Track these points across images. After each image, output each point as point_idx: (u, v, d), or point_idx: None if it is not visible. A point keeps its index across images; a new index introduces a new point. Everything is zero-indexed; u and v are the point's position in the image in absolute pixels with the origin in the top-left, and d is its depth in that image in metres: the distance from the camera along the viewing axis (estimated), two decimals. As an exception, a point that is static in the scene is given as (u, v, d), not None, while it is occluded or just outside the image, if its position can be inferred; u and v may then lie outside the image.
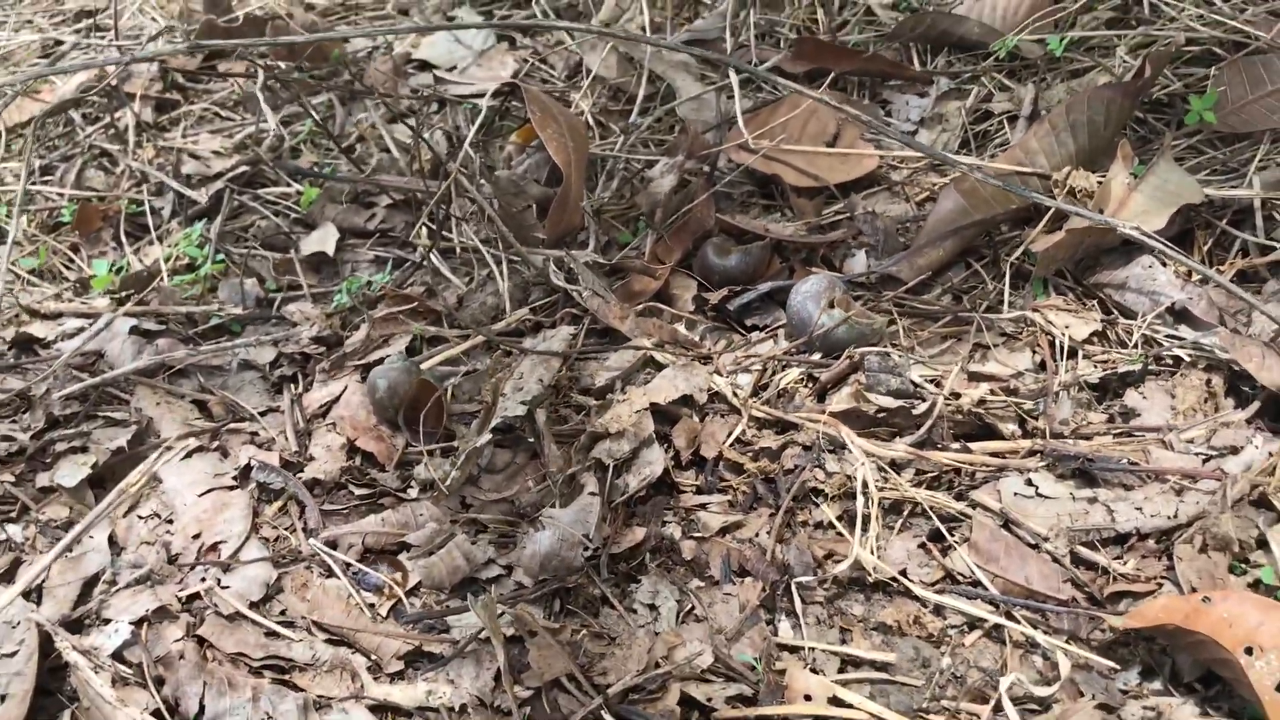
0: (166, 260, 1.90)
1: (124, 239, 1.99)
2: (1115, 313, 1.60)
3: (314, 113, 2.08)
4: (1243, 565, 1.30)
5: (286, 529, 1.46)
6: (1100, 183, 1.67)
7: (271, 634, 1.31)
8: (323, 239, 1.93)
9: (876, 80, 2.12)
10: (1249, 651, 1.17)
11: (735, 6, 2.21)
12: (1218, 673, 1.21)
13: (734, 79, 1.96)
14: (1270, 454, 1.38)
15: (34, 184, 2.12)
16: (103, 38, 2.55)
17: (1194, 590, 1.26)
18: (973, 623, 1.30)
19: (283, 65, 2.28)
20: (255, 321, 1.80)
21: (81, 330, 1.77)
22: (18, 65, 2.55)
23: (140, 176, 2.11)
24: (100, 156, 2.24)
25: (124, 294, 1.84)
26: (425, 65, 2.39)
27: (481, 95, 2.18)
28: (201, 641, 1.29)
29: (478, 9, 2.52)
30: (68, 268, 1.97)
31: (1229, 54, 1.89)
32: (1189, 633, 1.20)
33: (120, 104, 2.24)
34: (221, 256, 1.90)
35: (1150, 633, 1.24)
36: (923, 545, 1.38)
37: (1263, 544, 1.30)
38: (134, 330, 1.73)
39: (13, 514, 1.49)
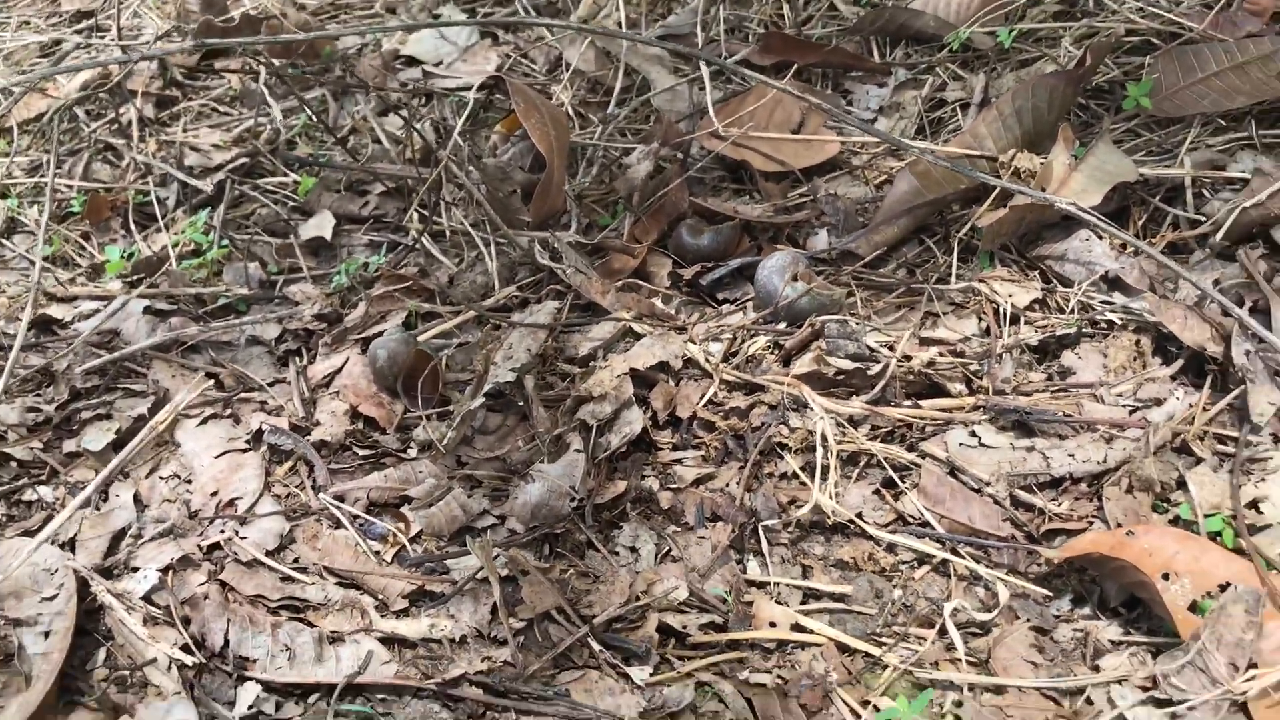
0: (174, 246, 2.03)
1: (133, 227, 2.11)
2: (1054, 282, 1.74)
3: (309, 107, 2.21)
4: (1164, 504, 1.44)
5: (296, 486, 1.59)
6: (1043, 164, 1.81)
7: (287, 578, 1.44)
8: (320, 225, 2.05)
9: (839, 72, 2.26)
10: (1166, 577, 1.32)
11: (706, 3, 2.35)
12: (1139, 596, 1.35)
13: (705, 71, 2.10)
14: (1190, 405, 1.53)
15: (43, 177, 2.24)
16: (103, 37, 2.67)
17: (1120, 526, 1.41)
18: (922, 558, 1.44)
19: (277, 62, 2.41)
20: (260, 301, 1.92)
21: (97, 312, 1.89)
22: (19, 65, 2.66)
23: (145, 169, 2.24)
24: (105, 150, 2.36)
25: (135, 277, 1.97)
26: (413, 61, 2.52)
27: (467, 88, 2.32)
28: (223, 585, 1.42)
29: (461, 7, 2.65)
30: (80, 254, 2.09)
31: (1164, 44, 2.03)
32: (1114, 561, 1.34)
33: (124, 100, 2.36)
34: (226, 242, 2.02)
35: (1080, 563, 1.39)
36: (877, 491, 1.52)
37: (1182, 485, 1.45)
38: (147, 310, 1.86)
39: (42, 477, 1.62)
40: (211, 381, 1.72)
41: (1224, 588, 1.29)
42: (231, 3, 2.70)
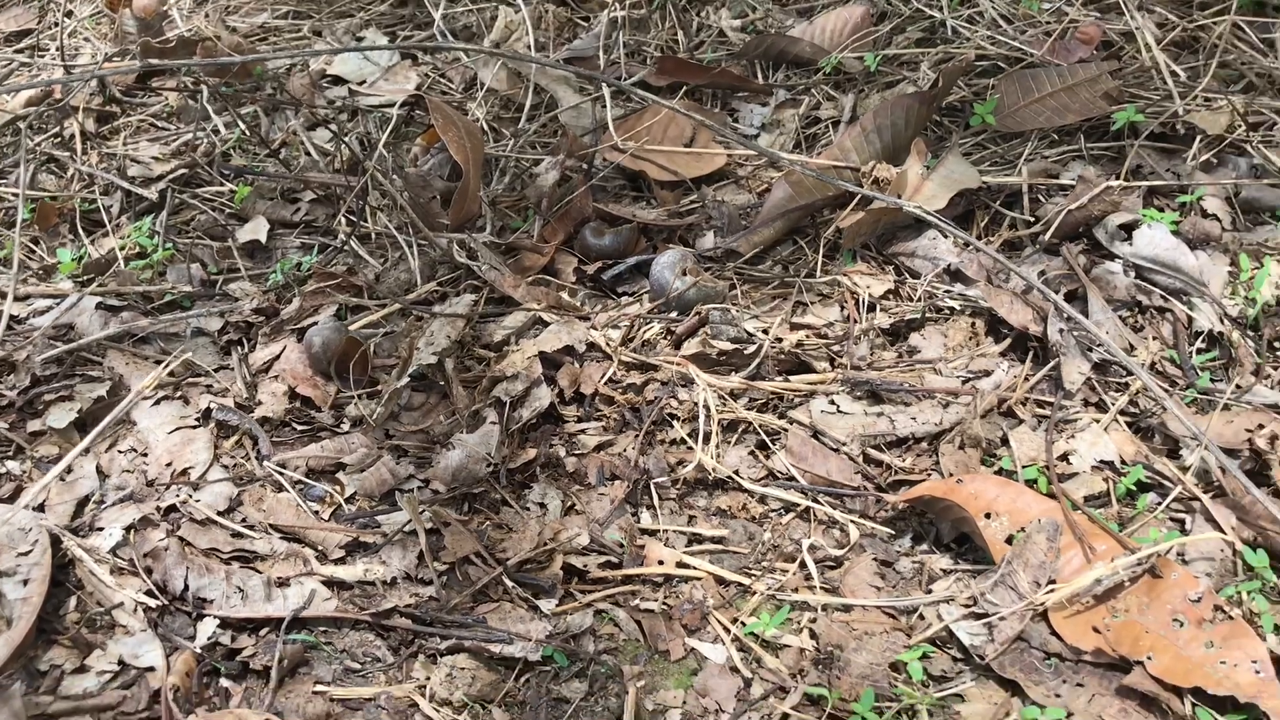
0: (121, 249, 2.21)
1: (81, 232, 2.29)
2: (905, 275, 2.01)
3: (243, 121, 2.41)
4: (990, 458, 1.71)
5: (242, 457, 1.79)
6: (899, 173, 2.07)
7: (237, 534, 1.64)
8: (256, 229, 2.25)
9: (727, 92, 2.52)
10: (988, 516, 1.58)
11: (608, 29, 2.59)
12: (967, 533, 1.61)
13: (606, 91, 2.35)
14: (1014, 376, 1.80)
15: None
16: (42, 56, 2.83)
17: (952, 476, 1.67)
18: (788, 507, 1.68)
19: (213, 81, 2.60)
20: (202, 298, 2.12)
21: (51, 309, 2.07)
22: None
23: (89, 179, 2.41)
24: (49, 163, 2.53)
25: (86, 278, 2.15)
26: (339, 80, 2.73)
27: (390, 105, 2.53)
28: (181, 540, 1.62)
29: (383, 30, 2.87)
30: (30, 258, 2.26)
31: (1009, 68, 2.32)
32: (945, 502, 1.60)
33: (67, 115, 2.53)
34: (170, 245, 2.21)
35: (919, 506, 1.65)
36: (752, 452, 1.76)
37: (1005, 442, 1.72)
38: (99, 306, 2.04)
39: (9, 453, 1.80)
40: (167, 370, 1.90)
41: (1031, 521, 1.56)
42: (165, 24, 2.88)
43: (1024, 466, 1.67)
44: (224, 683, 1.46)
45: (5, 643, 1.44)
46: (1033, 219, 2.07)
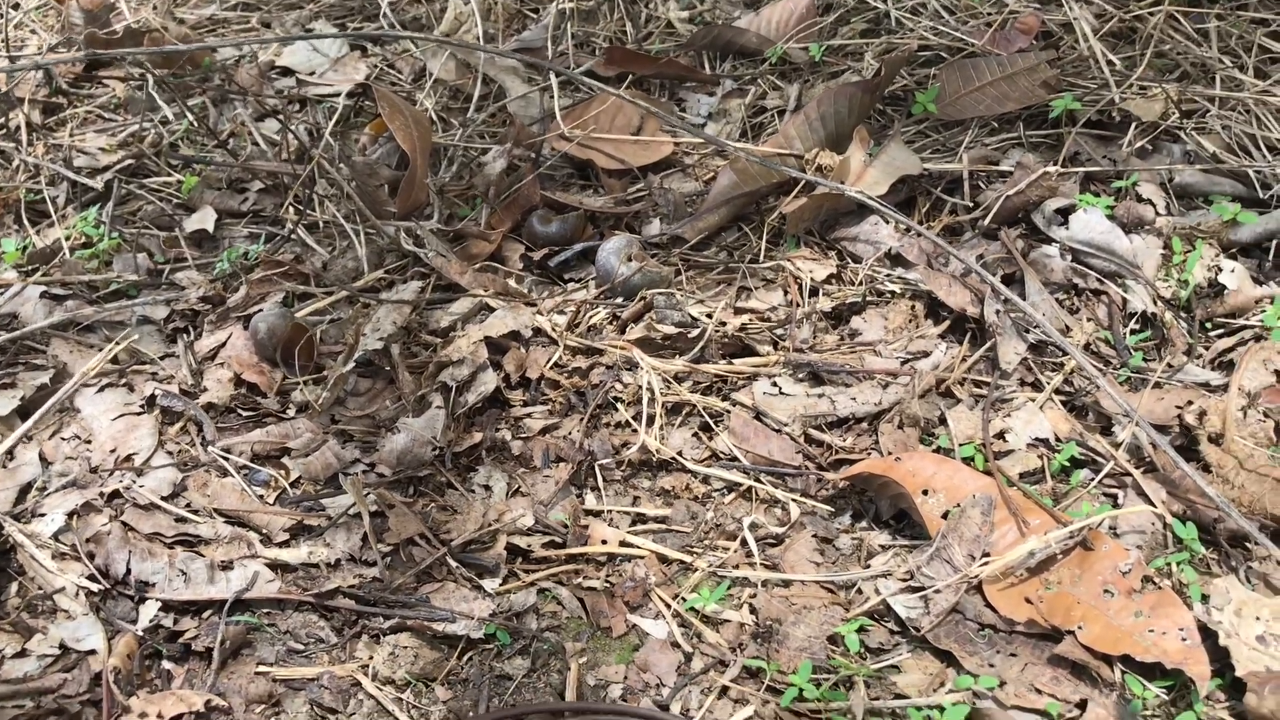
0: (67, 239, 2.20)
1: (25, 222, 2.28)
2: (848, 259, 2.04)
3: (191, 112, 2.40)
4: (929, 437, 1.74)
5: (187, 444, 1.79)
6: (842, 160, 2.10)
7: (180, 519, 1.64)
8: (203, 219, 2.25)
9: (674, 82, 2.54)
10: (925, 492, 1.61)
11: (556, 20, 2.61)
12: (906, 510, 1.64)
13: (554, 81, 2.36)
14: (952, 357, 1.83)
15: (-65, 177, 2.39)
16: (-13, 48, 2.81)
17: (890, 454, 1.70)
18: (730, 486, 1.71)
19: (159, 71, 2.59)
20: (149, 288, 2.11)
21: (-6, 298, 2.06)
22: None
23: (34, 170, 2.40)
24: (-7, 154, 2.51)
25: (31, 267, 2.14)
26: (287, 71, 2.73)
27: (338, 95, 2.54)
28: (124, 525, 1.62)
29: (333, 21, 2.87)
30: (-26, 248, 2.25)
31: (950, 57, 2.36)
32: (883, 479, 1.63)
33: (12, 106, 2.52)
34: (116, 235, 2.20)
35: (859, 484, 1.67)
36: (695, 434, 1.78)
37: (943, 421, 1.75)
38: (44, 295, 2.03)
39: (-49, 441, 1.79)
40: (111, 356, 1.90)
41: (966, 497, 1.59)
42: (112, 16, 2.87)
43: (961, 445, 1.70)
44: (166, 665, 1.46)
45: (-55, 627, 1.44)
46: (972, 205, 2.10)
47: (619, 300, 2.00)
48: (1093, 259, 1.95)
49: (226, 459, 1.74)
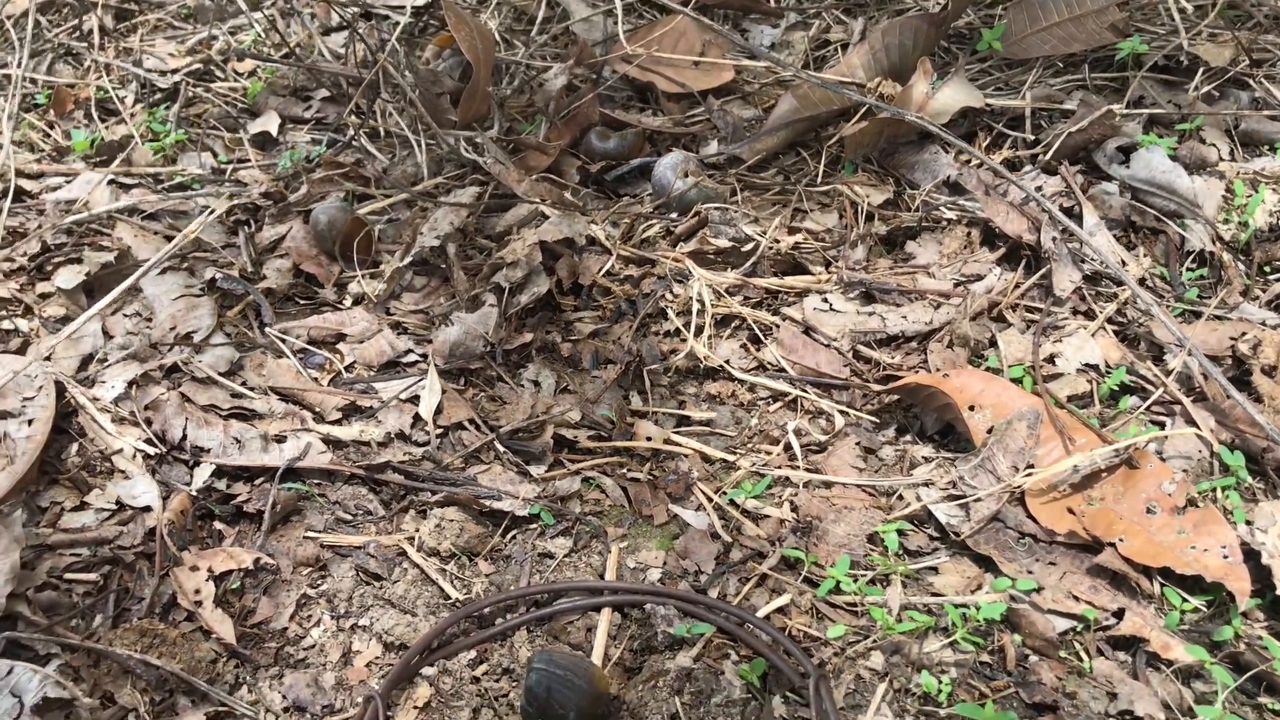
0: (134, 134, 2.24)
1: (96, 118, 2.32)
2: (905, 186, 2.04)
3: (259, 22, 2.44)
4: (978, 359, 1.74)
5: (245, 327, 1.82)
6: (904, 90, 2.10)
7: (236, 394, 1.68)
8: (267, 122, 2.28)
9: (738, 13, 2.54)
10: (971, 408, 1.62)
11: (624, -53, 2.61)
12: (951, 425, 1.64)
13: (618, 4, 2.37)
14: (1005, 282, 1.83)
15: (6, 70, 2.43)
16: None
17: (939, 371, 1.70)
18: (776, 395, 1.72)
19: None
20: (212, 183, 2.15)
21: (63, 186, 2.10)
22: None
23: (105, 69, 2.44)
24: (66, 55, 2.55)
25: (99, 158, 2.18)
26: (355, -12, 2.75)
27: (403, 8, 2.55)
28: (181, 395, 1.65)
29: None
30: (45, 140, 2.29)
31: (1018, -2, 2.34)
32: (932, 390, 1.63)
33: (86, 9, 2.56)
34: (182, 132, 2.24)
35: (906, 396, 1.68)
36: (743, 345, 1.79)
37: (993, 343, 1.75)
38: (111, 183, 2.07)
39: (19, 312, 1.83)
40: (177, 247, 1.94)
41: (1012, 410, 1.59)
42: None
43: (1010, 366, 1.70)
44: (218, 525, 1.50)
45: (8, 475, 1.48)
46: (1033, 140, 2.09)
47: (673, 215, 2.01)
48: (1152, 197, 1.94)
49: (283, 340, 1.77)
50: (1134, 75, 2.15)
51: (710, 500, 1.53)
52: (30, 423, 1.55)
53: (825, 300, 1.82)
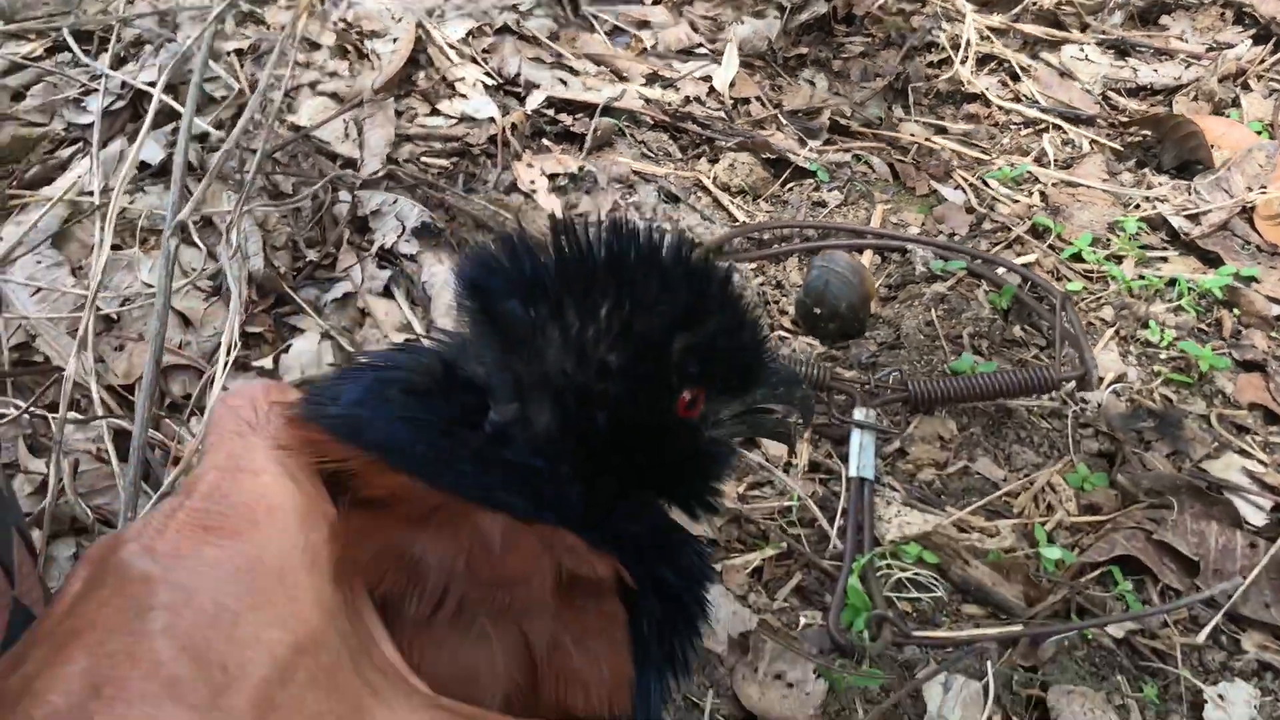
0: None
1: None
2: (1166, -33, 2.18)
3: None
4: (1220, 114, 1.90)
5: (559, 9, 2.07)
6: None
7: (557, 55, 1.93)
8: None
9: None
10: (1213, 146, 1.78)
11: None
12: (1189, 162, 1.81)
13: None
14: (1255, 52, 1.97)
15: None
16: None
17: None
18: (1028, 122, 1.90)
19: None
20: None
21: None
22: None
23: None
24: None
25: None
26: None
27: None
28: (515, 43, 1.92)
29: None
30: None
31: None
32: (1179, 120, 1.80)
33: None
34: None
35: (1152, 130, 1.85)
36: (1002, 81, 1.98)
37: (1236, 103, 1.90)
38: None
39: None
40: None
41: (1253, 145, 1.76)
42: None
43: (1250, 122, 1.86)
44: (546, 142, 1.76)
45: (382, 74, 1.76)
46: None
47: (945, -31, 2.18)
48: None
49: (595, 19, 2.01)
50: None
51: (967, 181, 1.74)
52: (395, 40, 1.83)
53: (1082, 50, 1.99)
